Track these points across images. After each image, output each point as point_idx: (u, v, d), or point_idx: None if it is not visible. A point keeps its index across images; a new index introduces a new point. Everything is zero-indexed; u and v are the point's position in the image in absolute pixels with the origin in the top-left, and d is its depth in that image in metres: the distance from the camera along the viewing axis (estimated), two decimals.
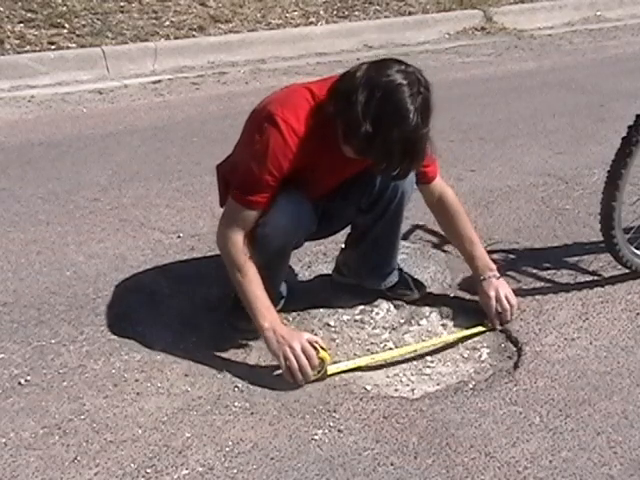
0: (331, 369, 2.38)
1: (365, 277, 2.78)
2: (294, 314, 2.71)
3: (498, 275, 2.69)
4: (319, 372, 2.35)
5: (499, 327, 2.64)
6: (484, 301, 2.66)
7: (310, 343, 2.34)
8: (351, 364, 2.43)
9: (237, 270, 2.38)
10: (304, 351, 2.31)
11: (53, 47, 5.66)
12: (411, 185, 2.56)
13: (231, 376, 2.39)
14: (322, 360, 2.34)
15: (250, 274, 2.38)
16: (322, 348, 2.35)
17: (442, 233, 3.26)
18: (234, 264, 2.38)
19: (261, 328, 2.36)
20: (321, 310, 2.75)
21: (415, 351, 2.53)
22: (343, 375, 2.41)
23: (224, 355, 2.49)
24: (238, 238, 2.37)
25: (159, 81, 5.55)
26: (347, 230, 2.77)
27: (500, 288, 2.66)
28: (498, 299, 2.63)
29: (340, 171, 2.48)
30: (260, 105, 2.42)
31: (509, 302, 2.64)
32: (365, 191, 2.54)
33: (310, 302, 2.78)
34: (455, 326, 2.70)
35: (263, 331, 2.35)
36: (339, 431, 2.16)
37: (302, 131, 2.30)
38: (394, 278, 2.78)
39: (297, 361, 2.30)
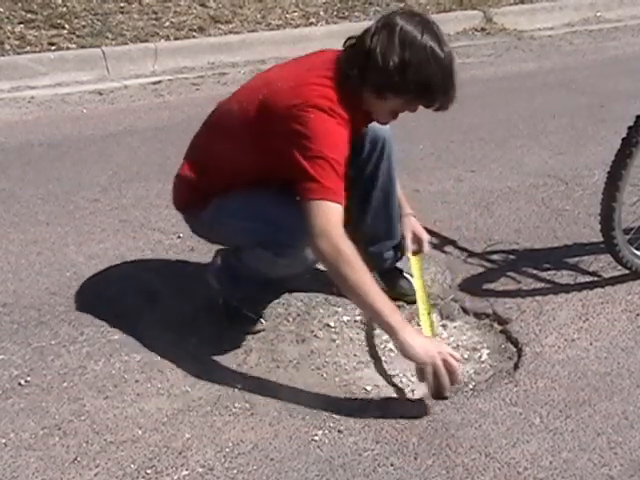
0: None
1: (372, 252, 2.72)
2: (294, 314, 2.71)
3: (414, 214, 2.83)
4: None
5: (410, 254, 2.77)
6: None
7: None
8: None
9: (353, 268, 2.12)
10: (451, 355, 2.17)
11: (53, 48, 5.66)
12: (388, 132, 2.54)
13: (231, 377, 2.38)
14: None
15: (367, 272, 2.15)
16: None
17: (442, 234, 3.28)
18: (350, 263, 2.12)
19: (397, 331, 2.14)
20: (321, 311, 2.75)
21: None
22: (343, 376, 2.41)
23: (224, 356, 2.48)
24: (344, 234, 2.16)
25: (159, 82, 5.55)
26: None
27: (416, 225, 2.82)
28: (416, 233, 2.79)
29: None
30: (276, 99, 2.26)
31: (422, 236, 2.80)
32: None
33: (310, 302, 2.78)
34: (455, 327, 2.70)
35: (401, 335, 2.13)
36: (339, 432, 2.16)
37: (344, 112, 2.23)
38: (396, 254, 2.82)
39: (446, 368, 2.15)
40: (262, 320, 2.63)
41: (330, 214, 2.14)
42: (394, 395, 2.34)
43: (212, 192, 2.43)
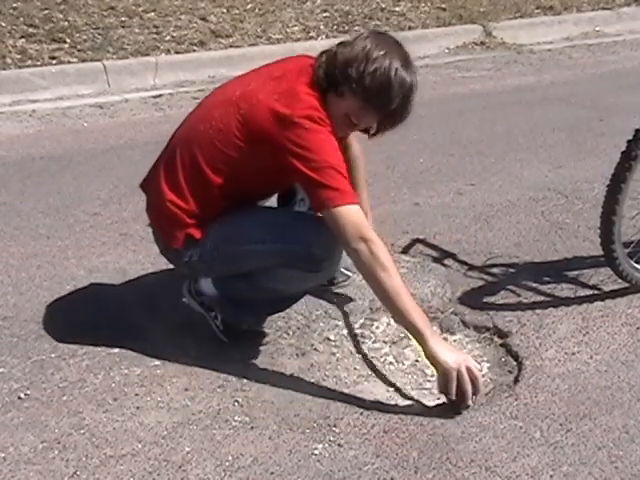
0: None
1: None
2: (294, 328, 2.71)
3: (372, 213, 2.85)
4: None
5: None
6: None
7: None
8: None
9: (389, 274, 2.17)
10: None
11: (54, 62, 5.68)
12: None
13: (231, 390, 2.38)
14: None
15: (400, 278, 2.21)
16: None
17: (442, 247, 3.28)
18: (386, 269, 2.17)
19: (427, 338, 2.20)
20: (321, 324, 2.75)
21: None
22: (343, 389, 2.40)
23: (224, 369, 2.48)
24: (377, 237, 2.21)
25: (160, 95, 5.57)
26: None
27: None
28: None
29: None
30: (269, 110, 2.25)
31: None
32: None
33: (310, 316, 2.78)
34: (455, 340, 2.70)
35: (430, 342, 2.20)
36: (339, 445, 2.15)
37: (329, 120, 2.26)
38: None
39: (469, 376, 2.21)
40: (262, 331, 2.64)
41: (357, 216, 2.21)
42: (394, 408, 2.33)
43: (206, 217, 2.37)
